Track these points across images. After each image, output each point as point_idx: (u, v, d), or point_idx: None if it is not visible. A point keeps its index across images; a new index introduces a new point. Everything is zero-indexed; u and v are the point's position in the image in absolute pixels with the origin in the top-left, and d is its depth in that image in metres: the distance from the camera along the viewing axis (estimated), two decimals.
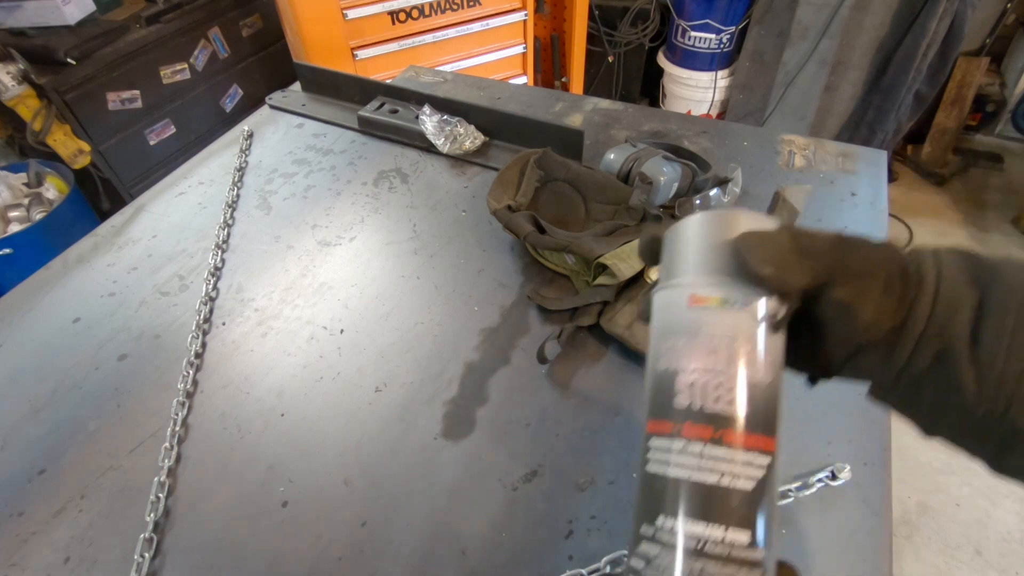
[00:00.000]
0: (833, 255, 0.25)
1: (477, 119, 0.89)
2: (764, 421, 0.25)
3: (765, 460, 0.24)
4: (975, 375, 0.23)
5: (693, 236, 0.28)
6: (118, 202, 1.81)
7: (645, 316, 0.30)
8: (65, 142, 1.62)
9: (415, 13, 1.65)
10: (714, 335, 0.25)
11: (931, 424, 0.26)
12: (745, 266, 0.25)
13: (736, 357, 0.25)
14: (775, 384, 0.26)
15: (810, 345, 0.27)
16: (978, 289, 0.24)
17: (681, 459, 0.24)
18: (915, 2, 1.73)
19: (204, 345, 0.63)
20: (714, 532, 0.23)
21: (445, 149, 0.86)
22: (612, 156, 0.76)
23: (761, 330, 0.26)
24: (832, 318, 0.26)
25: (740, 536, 0.23)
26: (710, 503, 0.23)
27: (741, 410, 0.24)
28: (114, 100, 1.69)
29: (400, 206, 0.80)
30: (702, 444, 0.24)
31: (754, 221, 0.27)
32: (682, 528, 0.23)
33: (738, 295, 0.26)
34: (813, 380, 0.28)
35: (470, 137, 0.86)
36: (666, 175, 0.72)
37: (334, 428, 0.55)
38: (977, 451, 0.25)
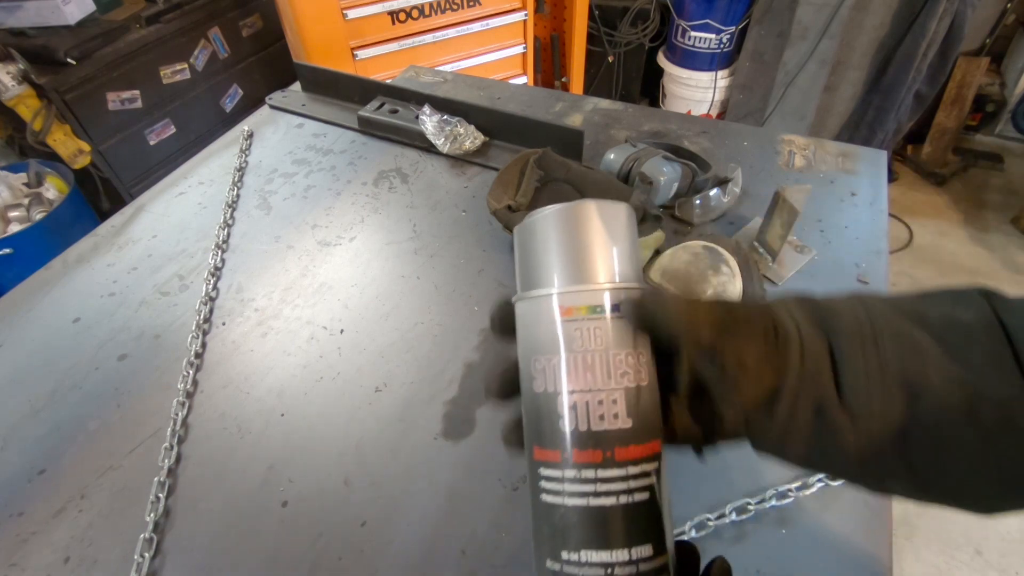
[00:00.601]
0: (721, 314, 0.26)
1: (477, 119, 0.89)
2: (650, 424, 0.24)
3: (655, 464, 0.24)
4: (849, 421, 0.24)
5: (546, 239, 0.26)
6: (118, 202, 1.81)
7: (498, 328, 0.29)
8: (65, 142, 1.62)
9: (415, 13, 1.65)
10: (587, 349, 0.24)
11: (817, 466, 0.27)
12: (654, 322, 0.25)
13: (614, 368, 0.24)
14: (652, 382, 0.25)
15: (699, 414, 0.27)
16: (826, 337, 0.26)
17: (575, 487, 0.23)
18: (915, 2, 1.73)
19: (204, 345, 0.63)
20: (619, 555, 0.23)
21: (445, 149, 0.86)
22: (612, 156, 0.76)
23: (631, 330, 0.24)
24: (720, 377, 0.26)
25: (644, 550, 0.23)
26: (612, 528, 0.23)
27: (628, 423, 0.23)
28: (114, 100, 1.69)
29: (400, 206, 0.80)
30: (594, 469, 0.23)
31: (605, 211, 0.25)
32: (588, 560, 0.23)
33: (605, 301, 0.24)
34: (699, 451, 0.29)
35: (470, 137, 0.86)
36: (666, 175, 0.72)
37: (334, 428, 0.55)
38: (860, 483, 0.27)
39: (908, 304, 0.26)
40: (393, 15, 1.62)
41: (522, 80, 1.91)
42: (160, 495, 0.50)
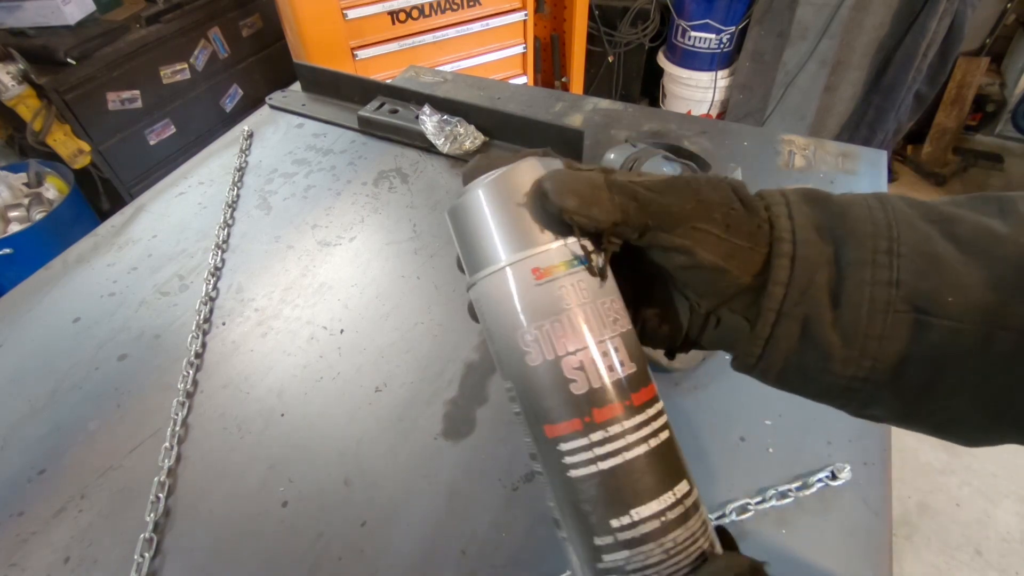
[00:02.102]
0: (654, 195, 0.23)
1: (477, 119, 0.89)
2: (644, 364, 0.24)
3: (661, 402, 0.24)
4: (840, 340, 0.22)
5: (494, 206, 0.24)
6: (118, 202, 1.81)
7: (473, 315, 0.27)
8: (65, 142, 1.62)
9: (415, 13, 1.65)
10: (580, 303, 0.23)
11: (795, 387, 0.25)
12: (544, 201, 0.22)
13: (606, 316, 0.23)
14: (631, 322, 0.24)
15: (667, 308, 0.26)
16: (831, 243, 0.23)
17: (607, 448, 0.22)
18: (915, 2, 1.73)
19: (204, 345, 0.63)
20: (667, 499, 0.22)
21: (445, 149, 0.86)
22: (612, 156, 0.76)
23: (608, 275, 0.24)
24: (675, 267, 0.24)
25: (682, 486, 0.23)
26: (653, 474, 0.22)
27: (633, 367, 0.23)
28: (114, 100, 1.69)
29: (400, 206, 0.80)
30: (620, 423, 0.22)
31: (545, 166, 0.24)
32: (641, 516, 0.22)
33: (578, 251, 0.23)
34: (671, 354, 0.27)
35: (470, 137, 0.86)
36: (666, 175, 0.72)
37: (334, 428, 0.55)
38: (839, 406, 0.25)
39: (938, 210, 0.23)
40: (393, 15, 1.62)
41: (522, 80, 1.92)
42: (160, 495, 0.50)
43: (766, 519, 0.47)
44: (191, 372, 0.59)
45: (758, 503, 0.47)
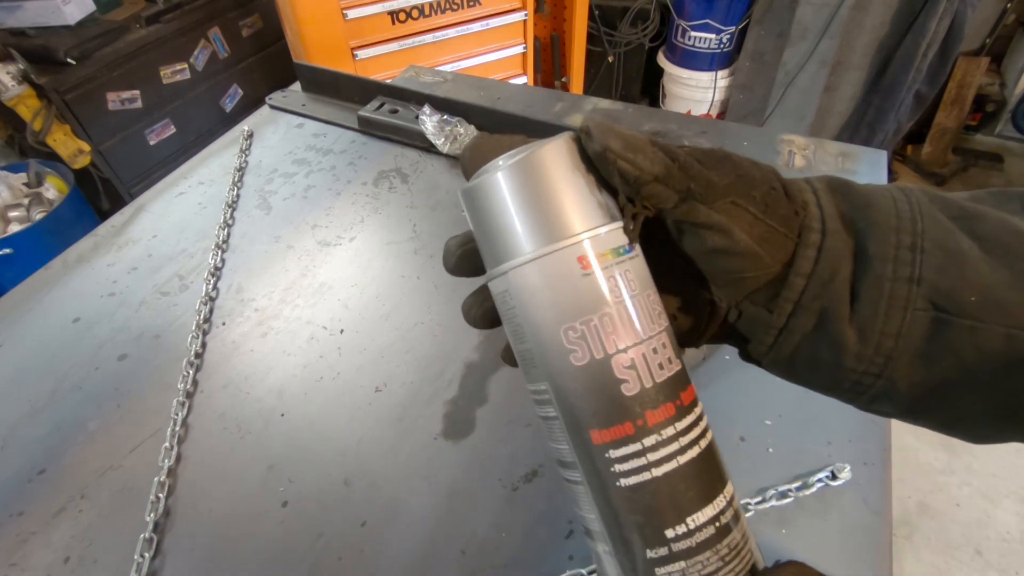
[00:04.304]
0: (695, 161, 0.22)
1: (477, 119, 0.88)
2: (681, 358, 0.23)
3: (700, 402, 0.23)
4: (856, 336, 0.21)
5: (530, 187, 0.22)
6: (118, 202, 1.81)
7: (476, 319, 0.26)
8: (65, 142, 1.62)
9: (415, 13, 1.65)
10: (631, 294, 0.21)
11: (803, 379, 0.25)
12: (586, 140, 0.22)
13: (653, 310, 0.22)
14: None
15: (687, 302, 0.25)
16: (852, 236, 0.22)
17: (661, 453, 0.21)
18: (915, 2, 1.73)
19: (204, 345, 0.63)
20: (720, 502, 0.21)
21: (445, 149, 0.86)
22: None
23: (645, 264, 0.23)
24: (707, 251, 0.22)
25: (729, 488, 0.22)
26: (703, 479, 0.21)
27: (679, 364, 0.22)
28: (114, 100, 1.69)
29: (400, 206, 0.80)
30: (673, 424, 0.21)
31: (564, 150, 0.23)
32: (696, 523, 0.20)
33: (623, 238, 0.22)
34: (682, 344, 0.26)
35: (470, 137, 0.86)
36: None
37: (334, 428, 0.55)
38: (847, 400, 0.24)
39: (960, 205, 0.22)
40: (393, 15, 1.62)
41: (522, 80, 1.92)
42: (160, 495, 0.50)
43: (766, 519, 0.47)
44: (191, 372, 0.59)
45: (758, 503, 0.47)
